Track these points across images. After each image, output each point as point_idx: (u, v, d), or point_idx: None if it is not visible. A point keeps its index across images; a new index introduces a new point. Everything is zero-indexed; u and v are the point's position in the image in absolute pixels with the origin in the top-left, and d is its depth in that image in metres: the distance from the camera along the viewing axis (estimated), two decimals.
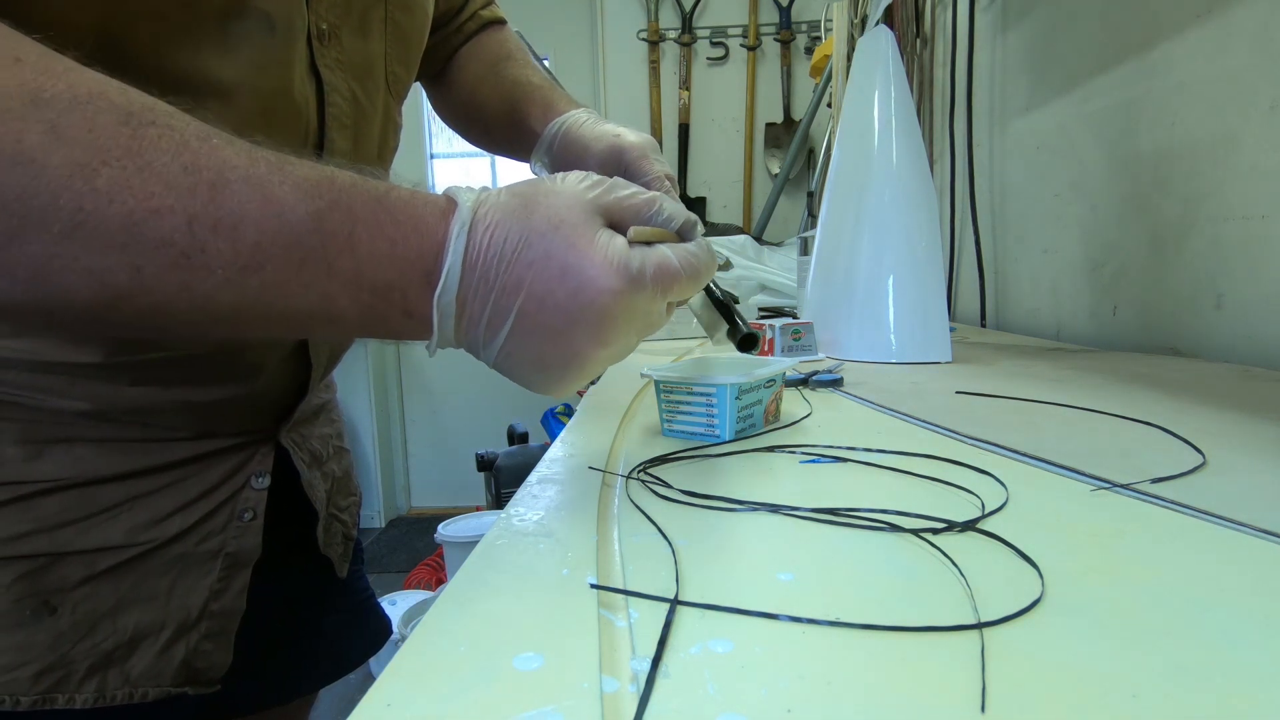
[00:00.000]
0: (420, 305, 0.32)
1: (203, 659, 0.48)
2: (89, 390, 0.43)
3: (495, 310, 0.32)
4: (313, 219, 0.29)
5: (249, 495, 0.51)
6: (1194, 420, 0.50)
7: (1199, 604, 0.25)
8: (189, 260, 0.27)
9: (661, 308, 0.35)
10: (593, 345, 0.33)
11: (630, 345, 0.35)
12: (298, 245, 0.29)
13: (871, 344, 0.85)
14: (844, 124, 0.93)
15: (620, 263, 0.32)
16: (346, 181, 0.31)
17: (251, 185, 0.28)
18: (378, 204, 0.31)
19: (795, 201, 2.64)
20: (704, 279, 0.36)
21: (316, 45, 0.45)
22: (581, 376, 0.34)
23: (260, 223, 0.28)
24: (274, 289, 0.29)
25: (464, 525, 2.14)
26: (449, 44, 0.70)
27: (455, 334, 0.33)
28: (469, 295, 0.32)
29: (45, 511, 0.43)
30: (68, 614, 0.43)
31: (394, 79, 0.53)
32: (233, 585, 0.49)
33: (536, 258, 0.31)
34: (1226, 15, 0.80)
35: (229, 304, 0.29)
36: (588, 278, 0.31)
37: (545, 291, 0.31)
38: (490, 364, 0.34)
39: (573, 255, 0.31)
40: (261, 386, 0.50)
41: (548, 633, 0.24)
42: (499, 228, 0.32)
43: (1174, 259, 0.90)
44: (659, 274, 0.33)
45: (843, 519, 0.34)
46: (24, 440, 0.43)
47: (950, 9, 1.50)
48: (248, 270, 0.28)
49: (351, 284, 0.30)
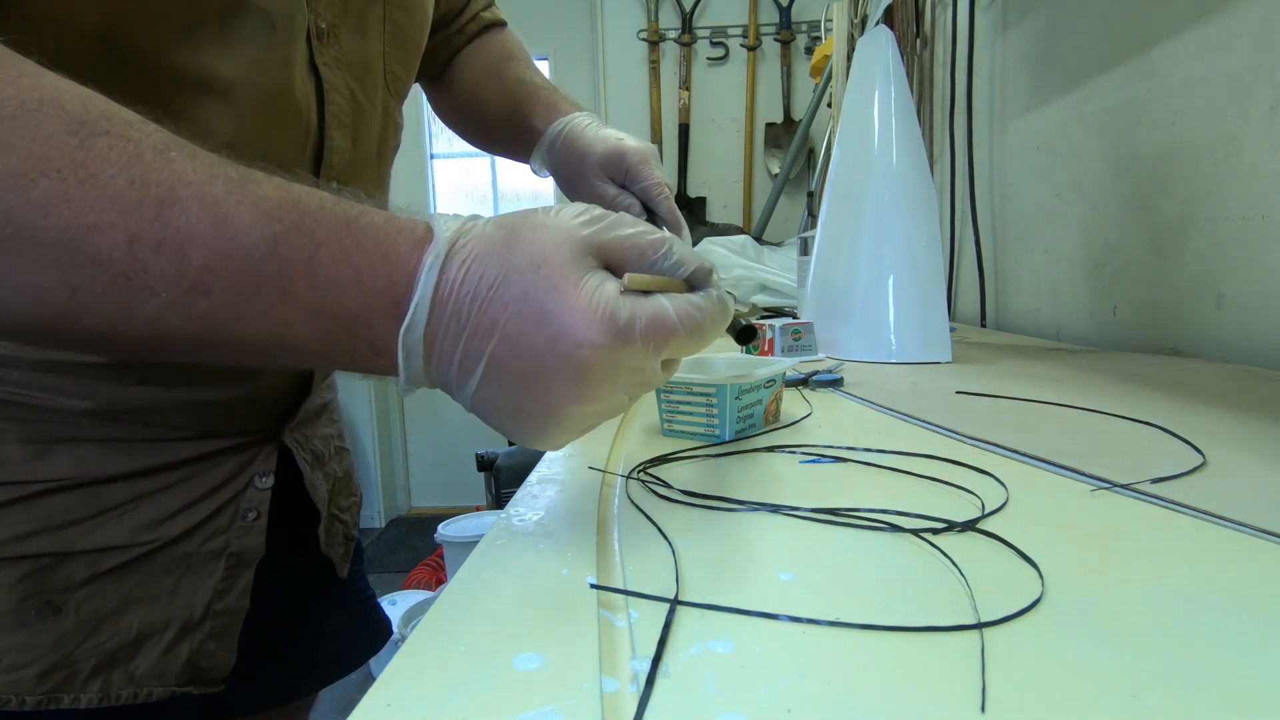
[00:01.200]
0: (387, 340, 0.29)
1: (207, 659, 0.48)
2: (94, 390, 0.44)
3: (466, 352, 0.29)
4: (268, 243, 0.27)
5: (252, 495, 0.51)
6: (1194, 420, 0.50)
7: (1199, 604, 0.25)
8: (129, 281, 0.26)
9: (655, 365, 0.31)
10: (571, 400, 0.29)
11: (619, 404, 0.31)
12: (249, 269, 0.27)
13: (871, 344, 0.85)
14: (844, 124, 0.93)
15: (606, 313, 0.28)
16: (313, 204, 0.29)
17: (204, 204, 0.26)
18: (344, 229, 0.29)
19: (795, 201, 2.64)
20: (709, 336, 0.32)
21: (316, 44, 0.45)
22: (562, 432, 0.31)
23: (209, 244, 0.26)
24: (224, 314, 0.27)
25: (464, 525, 2.14)
26: (450, 45, 0.71)
27: (425, 374, 0.30)
28: (439, 333, 0.29)
29: (49, 511, 0.43)
30: (72, 614, 0.43)
31: (393, 78, 0.53)
32: (236, 585, 0.49)
33: (513, 298, 0.28)
34: (1226, 15, 0.80)
35: (176, 328, 0.27)
36: (566, 326, 0.28)
37: (520, 335, 0.28)
38: (466, 408, 0.32)
39: (552, 300, 0.28)
40: (265, 385, 0.51)
41: (548, 633, 0.24)
42: (476, 262, 0.29)
43: (1174, 259, 0.90)
44: (651, 329, 0.29)
45: (843, 519, 0.34)
46: (28, 440, 0.43)
47: (950, 9, 1.50)
48: (194, 293, 0.26)
49: (310, 313, 0.28)
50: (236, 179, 0.28)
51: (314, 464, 0.58)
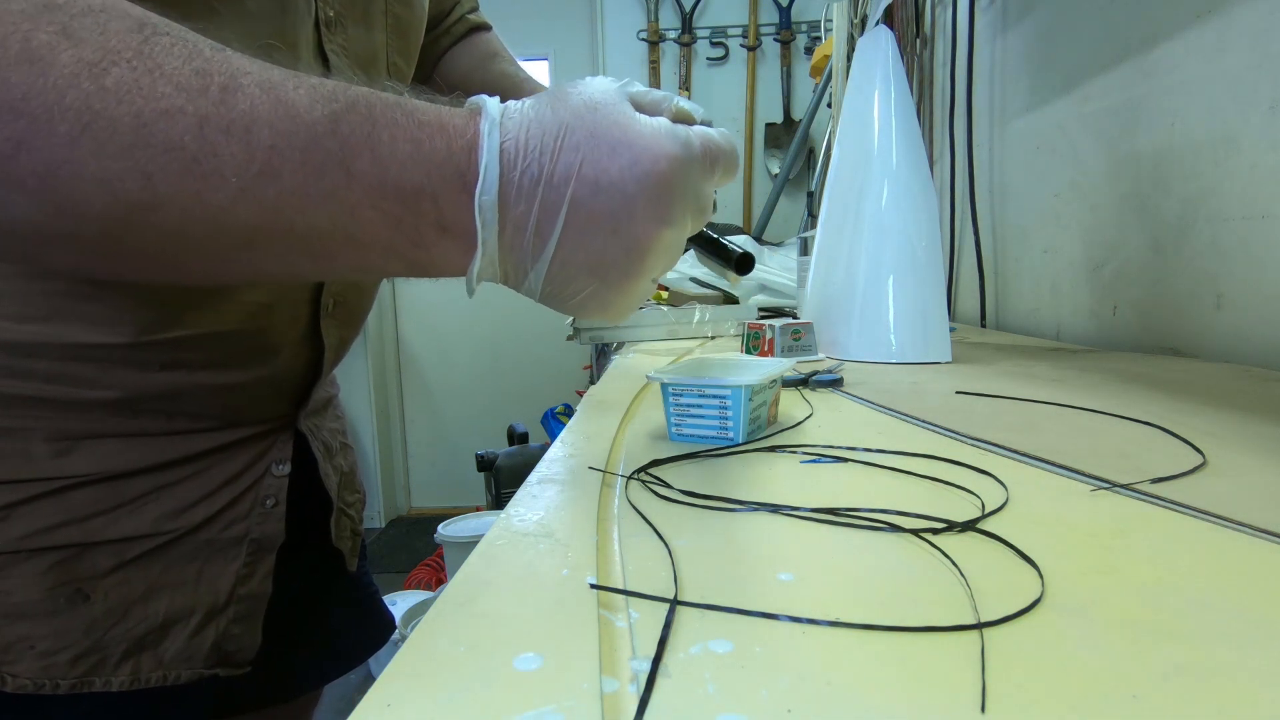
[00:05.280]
0: (457, 213, 0.29)
1: (233, 642, 0.50)
2: (119, 377, 0.45)
3: (544, 207, 0.29)
4: (329, 120, 0.27)
5: (270, 482, 0.52)
6: (1194, 420, 0.50)
7: (1199, 604, 0.25)
8: (200, 166, 0.26)
9: (710, 189, 0.34)
10: (656, 223, 0.30)
11: (682, 237, 0.33)
12: (315, 147, 0.27)
13: (871, 344, 0.85)
14: (844, 124, 0.93)
15: (669, 130, 0.30)
16: (363, 90, 0.29)
17: (264, 89, 0.27)
18: (397, 108, 0.29)
19: (795, 201, 2.64)
20: (736, 162, 0.35)
21: (325, 31, 0.47)
22: (643, 272, 0.32)
23: (274, 124, 0.27)
24: (291, 200, 0.27)
25: (464, 525, 2.14)
26: (438, 45, 0.74)
27: (499, 249, 0.30)
28: (511, 193, 0.29)
29: (75, 504, 0.44)
30: (100, 601, 0.45)
31: (395, 69, 0.55)
32: (258, 570, 0.51)
33: (581, 140, 0.29)
34: (1226, 15, 0.80)
35: (246, 222, 0.27)
36: (639, 148, 0.29)
37: (599, 172, 0.29)
38: (538, 290, 0.32)
39: (619, 130, 0.30)
40: (281, 367, 0.52)
41: (548, 633, 0.24)
42: (534, 121, 0.30)
43: (1174, 259, 0.90)
44: (706, 143, 0.32)
45: (843, 519, 0.34)
46: (54, 438, 0.44)
47: (950, 9, 1.50)
48: (263, 177, 0.27)
49: (374, 191, 0.28)
50: (289, 71, 0.28)
51: (325, 455, 0.59)
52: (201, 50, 0.27)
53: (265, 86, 0.27)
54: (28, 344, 0.42)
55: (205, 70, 0.26)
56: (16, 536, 0.42)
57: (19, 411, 0.43)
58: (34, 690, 0.42)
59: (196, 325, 0.46)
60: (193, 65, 0.26)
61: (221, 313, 0.47)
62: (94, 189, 0.25)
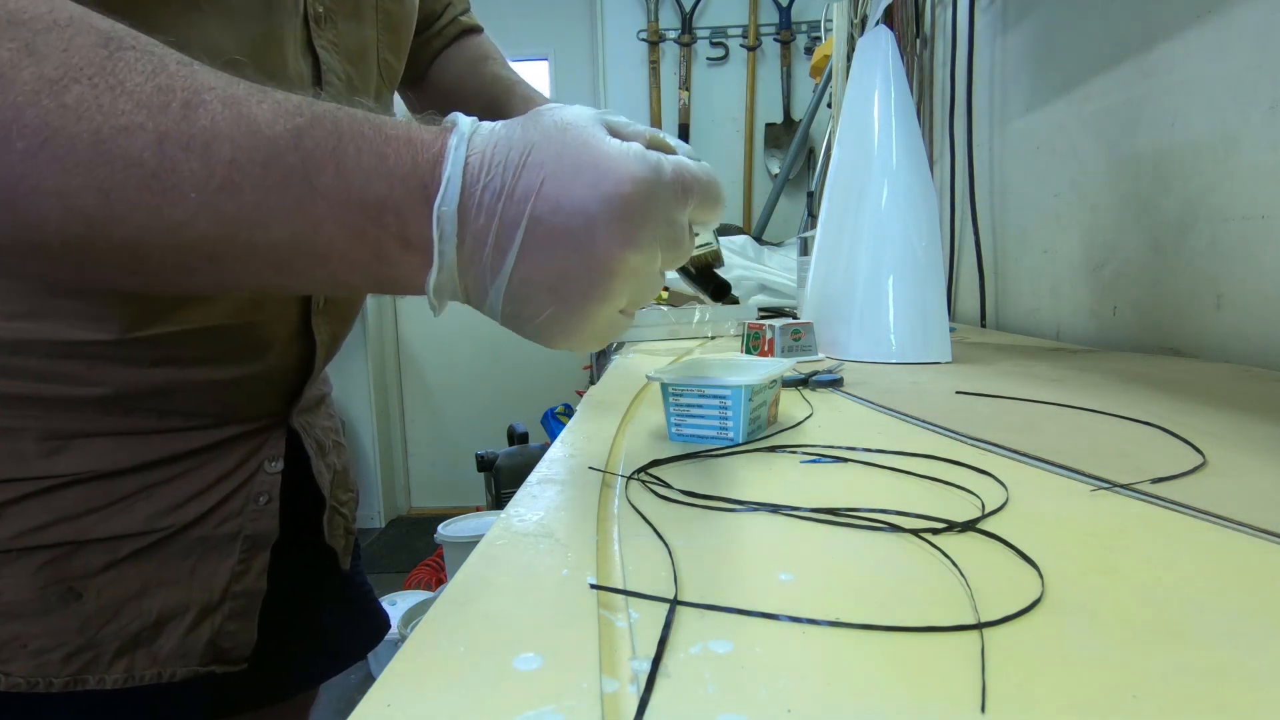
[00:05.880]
0: (419, 226, 0.29)
1: (228, 638, 0.50)
2: (109, 374, 0.44)
3: (504, 222, 0.29)
4: (291, 135, 0.27)
5: (263, 479, 0.52)
6: (1194, 420, 0.50)
7: (1199, 604, 0.25)
8: (159, 181, 0.26)
9: (684, 218, 0.32)
10: (619, 246, 0.29)
11: (654, 267, 0.32)
12: (276, 161, 0.27)
13: (871, 344, 0.85)
14: (844, 124, 0.93)
15: (639, 153, 0.30)
16: (330, 106, 0.29)
17: (227, 104, 0.27)
18: (365, 122, 0.29)
19: (795, 201, 2.64)
20: (716, 195, 0.34)
21: (314, 26, 0.47)
22: (606, 297, 0.31)
23: (235, 140, 0.27)
24: (253, 214, 0.27)
25: (464, 525, 2.14)
26: (430, 47, 0.74)
27: (459, 263, 0.30)
28: (471, 207, 0.29)
29: (66, 503, 0.44)
30: (93, 599, 0.44)
31: (385, 66, 0.55)
32: (253, 567, 0.51)
33: (547, 158, 0.29)
34: (1226, 15, 0.80)
35: (206, 235, 0.27)
36: (605, 168, 0.29)
37: (560, 191, 0.29)
38: (499, 309, 0.31)
39: (586, 151, 0.29)
40: (273, 363, 0.52)
41: (548, 633, 0.24)
42: (503, 139, 0.30)
43: (1174, 259, 0.90)
44: (680, 171, 0.31)
45: (843, 519, 0.34)
46: (44, 437, 0.44)
47: (950, 9, 1.50)
48: (223, 192, 0.27)
49: (338, 204, 0.28)
50: (255, 87, 0.28)
51: (318, 452, 0.59)
52: (166, 66, 0.27)
53: (228, 102, 0.27)
54: (14, 341, 0.42)
55: (168, 86, 0.26)
56: (7, 536, 0.42)
57: (10, 410, 0.43)
58: (27, 689, 0.42)
59: (185, 321, 0.46)
60: (155, 81, 0.26)
61: (209, 308, 0.47)
62: (53, 204, 0.26)
